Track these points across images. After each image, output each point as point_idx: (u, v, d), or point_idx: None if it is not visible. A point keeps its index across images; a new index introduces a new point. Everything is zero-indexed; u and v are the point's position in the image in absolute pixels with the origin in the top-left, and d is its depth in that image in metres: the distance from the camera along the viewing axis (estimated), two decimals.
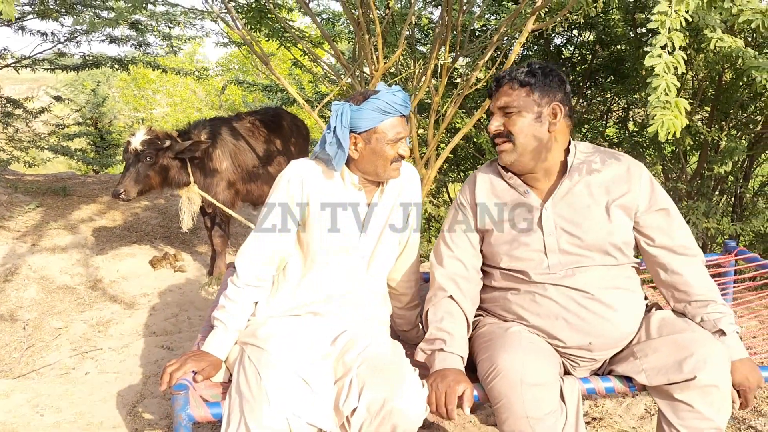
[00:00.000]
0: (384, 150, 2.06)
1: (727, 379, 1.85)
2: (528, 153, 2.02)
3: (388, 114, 2.04)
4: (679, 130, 1.90)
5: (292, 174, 2.11)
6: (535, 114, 2.01)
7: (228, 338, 2.07)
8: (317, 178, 2.11)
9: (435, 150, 4.13)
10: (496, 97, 2.07)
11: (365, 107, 2.02)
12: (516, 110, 2.01)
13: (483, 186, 2.15)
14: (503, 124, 2.03)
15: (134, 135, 3.96)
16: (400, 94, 2.06)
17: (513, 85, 2.03)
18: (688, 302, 2.01)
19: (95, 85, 12.33)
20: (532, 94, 2.00)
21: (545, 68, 2.03)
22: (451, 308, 2.07)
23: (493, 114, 2.07)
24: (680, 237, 2.02)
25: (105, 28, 5.83)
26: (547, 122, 2.01)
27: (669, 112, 1.92)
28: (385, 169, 2.09)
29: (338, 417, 1.88)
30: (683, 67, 2.05)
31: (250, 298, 2.11)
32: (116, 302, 4.16)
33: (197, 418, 1.86)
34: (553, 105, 2.01)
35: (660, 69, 2.02)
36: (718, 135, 4.61)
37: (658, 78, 2.01)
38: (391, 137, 2.05)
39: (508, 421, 1.83)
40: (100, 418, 2.73)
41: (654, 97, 1.99)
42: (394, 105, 2.03)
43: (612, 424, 2.64)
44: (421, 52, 5.54)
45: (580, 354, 1.99)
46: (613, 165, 2.05)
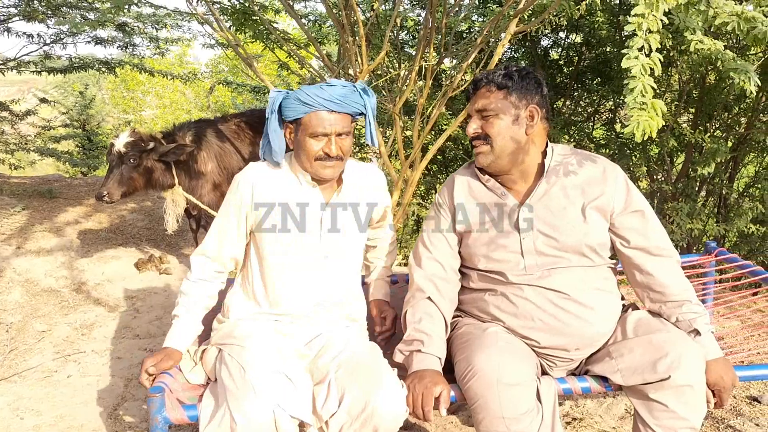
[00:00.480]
0: (306, 143, 2.02)
1: (701, 378, 1.87)
2: (505, 155, 2.03)
3: (311, 107, 1.98)
4: (654, 131, 1.92)
5: (242, 177, 2.10)
6: (513, 117, 2.02)
7: (185, 329, 2.10)
8: (270, 180, 2.10)
9: (420, 152, 4.14)
10: (474, 99, 2.08)
11: (291, 96, 2.01)
12: (493, 113, 2.02)
13: (461, 188, 2.16)
14: (481, 127, 2.05)
15: (118, 137, 3.95)
16: (331, 89, 1.99)
17: (490, 87, 2.04)
18: (664, 302, 2.02)
19: (83, 87, 12.29)
20: (510, 96, 2.02)
21: (522, 71, 2.04)
22: (429, 309, 2.08)
23: (471, 116, 2.08)
24: (655, 238, 2.04)
25: (91, 30, 5.81)
26: (524, 125, 2.02)
27: (645, 113, 1.94)
28: (310, 165, 2.05)
29: (317, 420, 1.88)
30: (660, 69, 2.06)
31: (203, 291, 2.13)
32: (100, 305, 4.14)
33: (173, 421, 1.86)
34: (530, 108, 2.02)
35: (637, 71, 2.03)
36: (702, 137, 4.64)
37: (635, 80, 2.02)
38: (313, 131, 2.00)
39: (484, 421, 1.84)
40: (81, 421, 2.72)
41: (631, 99, 2.00)
42: (317, 98, 1.97)
43: (592, 425, 2.65)
44: (409, 53, 5.55)
45: (556, 354, 2.00)
46: (589, 167, 2.06)
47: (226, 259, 2.15)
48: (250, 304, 2.14)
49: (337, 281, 2.15)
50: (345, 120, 2.03)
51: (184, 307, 2.12)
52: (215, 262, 2.15)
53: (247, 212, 2.08)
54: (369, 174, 2.23)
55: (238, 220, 2.10)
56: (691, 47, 3.00)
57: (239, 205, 2.09)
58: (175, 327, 2.10)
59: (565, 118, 6.04)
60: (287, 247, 2.08)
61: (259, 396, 1.78)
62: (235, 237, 2.12)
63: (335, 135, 2.01)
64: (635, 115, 1.96)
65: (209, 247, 2.14)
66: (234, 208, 2.10)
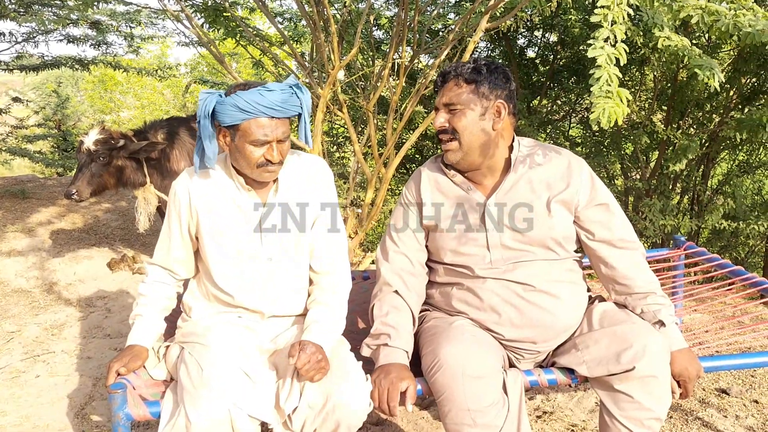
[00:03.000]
0: (246, 150, 1.91)
1: (665, 369, 1.88)
2: (474, 151, 2.01)
3: (250, 114, 1.86)
4: (621, 117, 1.93)
5: (178, 185, 2.06)
6: (481, 111, 1.98)
7: (149, 327, 2.07)
8: (206, 185, 2.04)
9: (395, 149, 4.13)
10: (442, 92, 2.04)
11: (226, 101, 1.86)
12: (461, 107, 1.98)
13: (428, 183, 2.14)
14: (448, 121, 2.01)
15: (87, 134, 3.90)
16: (271, 95, 1.87)
17: (458, 81, 2.00)
18: (629, 294, 2.03)
19: (56, 85, 12.13)
20: (478, 90, 1.98)
21: (491, 65, 2.01)
22: (396, 303, 2.07)
23: (438, 110, 2.05)
24: (620, 230, 2.04)
25: (62, 28, 5.74)
26: (491, 120, 2.00)
27: (611, 101, 1.95)
28: (252, 171, 1.96)
29: (280, 415, 1.86)
30: (624, 59, 2.08)
31: (160, 292, 2.13)
32: (71, 305, 4.08)
33: (135, 417, 1.84)
34: (497, 103, 1.99)
35: (602, 60, 2.05)
36: (674, 134, 4.68)
37: (600, 69, 2.04)
38: (253, 138, 1.89)
39: (450, 414, 1.83)
40: (47, 420, 2.68)
41: (596, 87, 2.02)
42: (256, 105, 1.85)
43: (563, 418, 2.65)
44: (384, 51, 5.54)
45: (523, 347, 2.00)
46: (554, 160, 2.06)
47: (175, 265, 2.13)
48: (207, 303, 2.12)
49: (286, 283, 2.08)
50: (285, 124, 1.95)
51: (144, 307, 2.10)
52: (166, 269, 2.14)
53: (187, 219, 2.05)
54: (310, 167, 2.13)
55: (180, 227, 2.07)
56: (659, 44, 3.02)
57: (178, 213, 2.06)
58: (138, 325, 2.07)
59: (541, 117, 6.06)
60: (229, 251, 2.04)
61: (214, 395, 1.76)
62: (180, 244, 2.09)
63: (276, 141, 1.93)
64: (600, 103, 1.96)
65: (159, 255, 2.14)
66: (174, 216, 2.07)
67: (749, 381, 2.94)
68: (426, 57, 5.31)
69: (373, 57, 4.52)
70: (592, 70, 2.12)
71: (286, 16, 5.97)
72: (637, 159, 5.41)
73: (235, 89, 1.90)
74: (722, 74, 2.83)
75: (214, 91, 1.93)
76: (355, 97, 4.41)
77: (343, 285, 2.11)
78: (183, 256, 2.12)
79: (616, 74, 2.08)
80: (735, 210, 4.62)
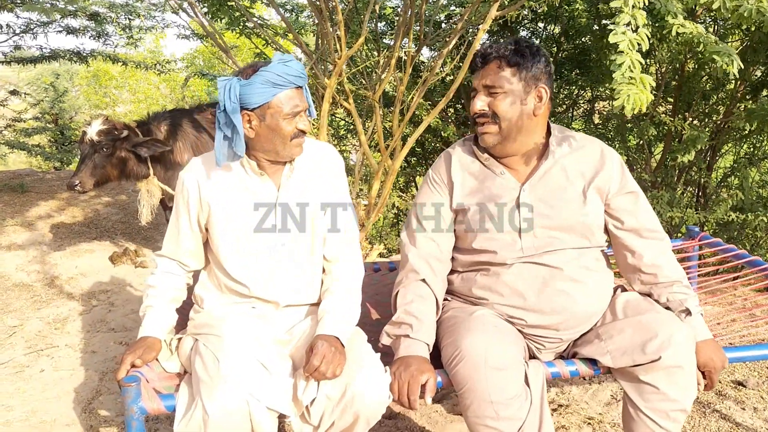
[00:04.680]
0: (281, 126, 1.89)
1: (692, 359, 1.84)
2: (513, 135, 1.95)
3: (281, 87, 1.86)
4: (645, 104, 1.89)
5: (186, 175, 2.01)
6: (522, 95, 1.93)
7: (161, 318, 2.02)
8: (215, 174, 1.99)
9: (400, 141, 4.08)
10: (482, 74, 1.96)
11: (255, 81, 1.84)
12: (502, 90, 1.92)
13: (458, 165, 2.07)
14: (488, 104, 1.94)
15: (90, 125, 3.84)
16: (293, 64, 1.88)
17: (501, 63, 1.93)
18: (654, 284, 1.99)
19: (54, 77, 12.02)
20: (520, 74, 1.92)
21: (533, 47, 1.95)
22: (422, 291, 2.01)
23: (477, 91, 1.97)
24: (647, 220, 2.01)
25: (61, 19, 5.67)
26: (532, 104, 1.94)
27: (634, 87, 1.90)
28: (285, 146, 1.93)
29: (297, 407, 1.82)
30: (647, 44, 2.03)
31: (170, 283, 2.08)
32: (74, 299, 4.03)
33: (150, 411, 1.78)
34: (539, 87, 1.94)
35: (624, 46, 2.01)
36: (682, 125, 4.64)
37: (622, 55, 2.00)
38: (287, 111, 1.88)
39: (472, 406, 1.79)
40: (54, 415, 2.63)
41: (619, 74, 1.98)
42: (287, 76, 1.85)
43: (578, 411, 2.62)
44: (386, 43, 5.49)
45: (545, 335, 1.96)
46: (587, 147, 2.02)
47: (184, 257, 2.09)
48: (219, 294, 2.08)
49: (300, 269, 2.04)
50: (303, 93, 1.95)
51: (155, 298, 2.05)
52: (175, 261, 2.10)
53: (197, 210, 2.00)
54: (320, 152, 2.09)
55: (189, 218, 2.02)
56: (673, 31, 2.97)
57: (186, 204, 2.01)
58: (150, 316, 2.02)
59: None
60: (241, 239, 1.99)
61: (231, 387, 1.72)
62: (189, 235, 2.05)
63: (303, 110, 1.93)
64: (624, 89, 1.92)
65: (167, 247, 2.10)
66: (183, 208, 2.02)
67: (765, 373, 2.91)
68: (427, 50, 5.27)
69: (378, 48, 4.46)
70: (613, 56, 2.08)
71: (287, 7, 5.91)
72: (642, 151, 5.38)
73: (250, 69, 1.87)
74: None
75: (230, 77, 1.89)
76: (360, 87, 4.36)
77: (356, 272, 2.07)
78: (192, 247, 2.08)
79: (639, 60, 2.04)
80: (743, 201, 4.59)
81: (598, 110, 6.55)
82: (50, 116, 10.35)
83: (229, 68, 13.57)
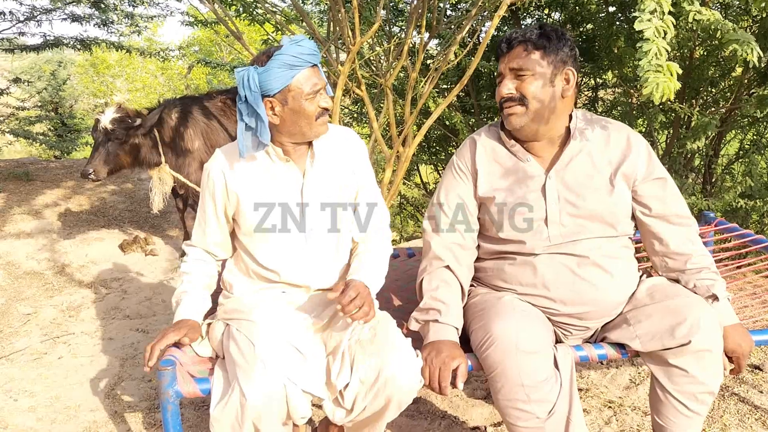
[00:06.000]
0: (304, 107, 1.89)
1: (719, 343, 1.85)
2: (540, 117, 1.95)
3: (298, 67, 1.86)
4: (672, 93, 1.89)
5: (212, 166, 2.02)
6: (549, 78, 1.93)
7: (195, 302, 2.03)
8: (240, 163, 2.00)
9: (412, 129, 4.08)
10: (508, 58, 1.96)
11: (271, 66, 1.84)
12: (530, 73, 1.92)
13: (483, 151, 2.07)
14: (516, 88, 1.94)
15: (103, 113, 3.83)
16: (305, 43, 1.88)
17: (527, 46, 1.93)
18: (682, 270, 2.00)
19: (56, 65, 11.95)
20: (547, 57, 1.92)
21: (558, 30, 1.96)
22: (446, 277, 2.03)
23: (504, 75, 1.97)
24: (675, 206, 2.01)
25: (64, 6, 5.63)
26: (560, 87, 1.94)
27: (662, 75, 1.90)
28: (311, 127, 1.94)
29: (331, 391, 1.83)
30: (673, 32, 2.03)
31: (203, 270, 2.10)
32: (86, 287, 4.04)
33: (185, 394, 1.80)
34: (566, 70, 1.94)
35: (650, 33, 2.01)
36: (691, 111, 4.65)
37: (648, 42, 2.00)
38: (308, 91, 1.88)
39: (503, 390, 1.81)
40: (77, 401, 2.65)
41: (645, 62, 1.97)
42: (301, 56, 1.85)
43: (598, 395, 2.64)
44: (395, 32, 5.47)
45: (572, 323, 1.98)
46: (613, 133, 2.02)
47: (212, 246, 2.11)
48: (248, 280, 2.09)
49: (327, 254, 2.05)
50: (319, 71, 1.95)
51: (189, 284, 2.06)
52: (203, 250, 2.13)
53: (223, 201, 2.01)
54: (342, 135, 2.10)
55: (215, 209, 2.04)
56: (689, 18, 2.97)
57: (213, 195, 2.02)
58: (186, 301, 2.02)
59: None
60: (269, 226, 2.00)
61: (269, 370, 1.73)
62: (216, 225, 2.06)
63: (323, 88, 1.94)
64: (651, 77, 1.92)
65: (196, 237, 2.12)
66: (209, 198, 2.03)
67: None
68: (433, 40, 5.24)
69: (389, 35, 4.45)
70: (639, 43, 2.07)
71: None
72: (650, 138, 5.38)
73: (264, 56, 1.88)
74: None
75: (247, 67, 1.89)
76: (372, 74, 4.36)
77: (384, 247, 2.12)
78: (219, 239, 2.09)
79: (665, 47, 2.04)
80: (751, 188, 4.59)
81: (601, 98, 6.54)
82: (51, 105, 10.28)
83: (227, 56, 13.46)
